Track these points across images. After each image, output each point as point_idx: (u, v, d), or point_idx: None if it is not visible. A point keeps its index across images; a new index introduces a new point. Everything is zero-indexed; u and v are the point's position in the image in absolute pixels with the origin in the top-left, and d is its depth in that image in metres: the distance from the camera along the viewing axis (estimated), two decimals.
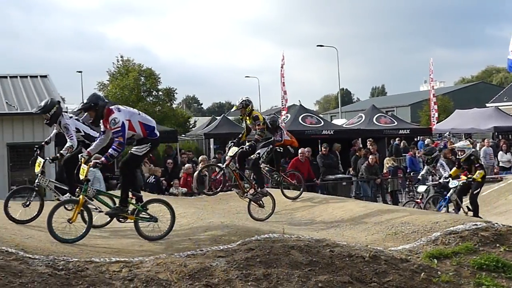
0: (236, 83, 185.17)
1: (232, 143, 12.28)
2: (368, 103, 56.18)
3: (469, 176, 13.88)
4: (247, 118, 12.22)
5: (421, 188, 15.45)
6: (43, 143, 11.65)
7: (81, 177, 8.95)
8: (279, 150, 12.87)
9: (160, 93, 48.35)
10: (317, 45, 53.64)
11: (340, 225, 10.89)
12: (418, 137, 31.39)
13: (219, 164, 13.76)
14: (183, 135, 39.79)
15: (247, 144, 12.15)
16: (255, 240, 8.30)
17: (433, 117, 31.90)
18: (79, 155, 9.35)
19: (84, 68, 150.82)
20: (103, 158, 8.90)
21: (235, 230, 8.96)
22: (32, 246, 7.90)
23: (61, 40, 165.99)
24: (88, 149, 9.40)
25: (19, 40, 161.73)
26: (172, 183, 18.14)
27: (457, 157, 14.38)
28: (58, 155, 10.72)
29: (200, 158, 19.83)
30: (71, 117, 10.99)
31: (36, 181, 10.45)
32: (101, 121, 9.15)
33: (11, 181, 19.01)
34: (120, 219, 9.21)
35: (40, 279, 6.80)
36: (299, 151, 19.34)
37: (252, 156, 12.20)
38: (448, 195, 13.87)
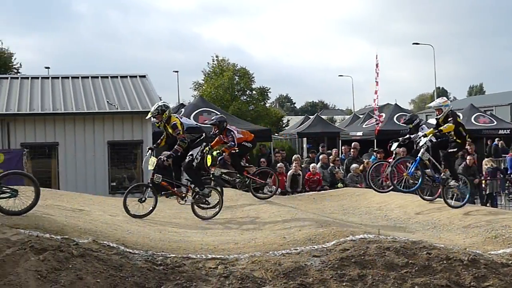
0: (329, 82, 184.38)
1: (151, 150, 11.71)
2: (465, 102, 54.55)
3: (437, 130, 12.06)
4: (166, 125, 11.18)
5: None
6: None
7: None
8: (234, 151, 12.61)
9: (254, 92, 48.77)
10: (413, 43, 52.70)
11: (437, 227, 10.65)
12: None
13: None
14: (276, 134, 39.98)
15: (165, 155, 11.18)
16: (350, 241, 8.23)
17: None
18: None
19: (180, 68, 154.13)
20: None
21: (329, 230, 8.91)
22: (132, 241, 8.15)
23: (158, 40, 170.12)
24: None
25: (118, 41, 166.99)
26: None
27: (436, 117, 12.43)
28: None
29: (293, 157, 19.82)
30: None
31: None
32: None
33: (111, 178, 19.68)
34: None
35: (139, 273, 7.01)
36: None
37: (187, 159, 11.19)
38: (419, 154, 12.03)
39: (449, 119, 11.95)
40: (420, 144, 12.11)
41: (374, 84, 26.64)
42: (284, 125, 51.16)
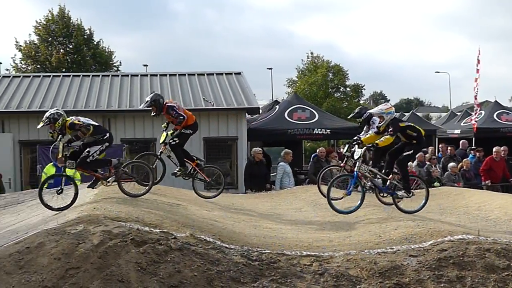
0: (424, 79, 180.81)
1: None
2: None
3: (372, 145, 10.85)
4: (64, 131, 9.99)
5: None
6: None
7: None
8: (173, 142, 11.50)
9: (348, 89, 48.43)
10: None
11: None
12: None
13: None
14: None
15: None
16: (448, 241, 8.03)
17: None
18: None
19: (274, 65, 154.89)
20: None
21: (426, 230, 8.73)
22: (227, 236, 8.26)
23: (252, 38, 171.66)
24: None
25: (213, 39, 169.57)
26: None
27: (377, 125, 11.11)
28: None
29: None
30: None
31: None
32: None
33: (206, 174, 20.03)
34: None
35: (235, 268, 7.10)
36: (494, 149, 18.41)
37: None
38: (355, 169, 10.64)
39: (390, 129, 10.64)
40: (355, 157, 10.71)
41: (474, 79, 25.82)
42: None
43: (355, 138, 11.00)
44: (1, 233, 8.74)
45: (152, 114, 11.60)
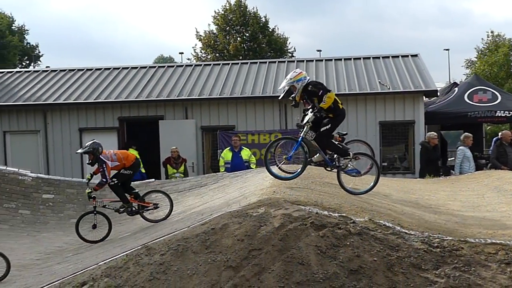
0: None
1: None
2: None
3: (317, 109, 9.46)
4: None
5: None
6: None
7: None
8: (113, 183, 11.69)
9: None
10: None
11: None
12: None
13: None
14: None
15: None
16: None
17: None
18: None
19: (450, 45, 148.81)
20: None
21: None
22: (407, 222, 8.13)
23: (425, 18, 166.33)
24: None
25: (385, 21, 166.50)
26: None
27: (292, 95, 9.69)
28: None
29: None
30: None
31: None
32: None
33: (382, 158, 19.86)
34: None
35: (416, 254, 6.96)
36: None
37: None
38: (302, 134, 9.53)
39: (319, 92, 9.35)
40: (305, 120, 9.61)
41: None
42: None
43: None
44: (187, 214, 9.26)
45: (87, 162, 11.86)
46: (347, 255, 6.86)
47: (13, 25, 51.03)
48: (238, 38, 45.24)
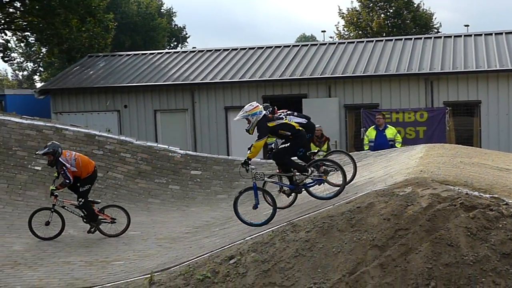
0: None
1: None
2: None
3: None
4: None
5: None
6: None
7: None
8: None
9: None
10: None
11: None
12: None
13: None
14: None
15: None
16: None
17: None
18: None
19: None
20: None
21: None
22: None
23: None
24: None
25: None
26: None
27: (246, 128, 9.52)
28: None
29: None
30: None
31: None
32: None
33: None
34: None
35: None
36: None
37: None
38: (253, 181, 9.36)
39: (258, 134, 9.25)
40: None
41: None
42: None
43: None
44: (330, 191, 9.24)
45: (47, 163, 11.70)
46: (499, 238, 6.61)
47: (162, 8, 52.98)
48: (382, 15, 44.34)
